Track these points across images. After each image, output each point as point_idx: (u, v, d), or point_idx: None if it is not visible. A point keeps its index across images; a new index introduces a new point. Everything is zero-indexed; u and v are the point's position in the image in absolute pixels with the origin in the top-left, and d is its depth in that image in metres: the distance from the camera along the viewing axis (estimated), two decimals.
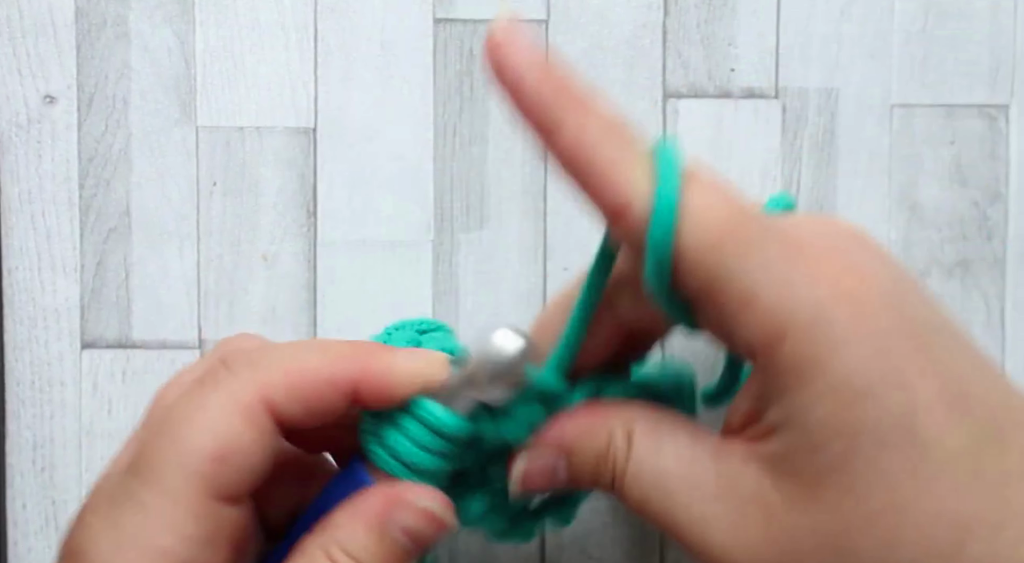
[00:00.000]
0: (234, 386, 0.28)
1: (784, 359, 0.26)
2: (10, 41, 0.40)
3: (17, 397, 0.40)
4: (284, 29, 0.40)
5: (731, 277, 0.26)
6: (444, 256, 0.41)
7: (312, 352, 0.29)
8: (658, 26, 0.40)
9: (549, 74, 0.27)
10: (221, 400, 0.28)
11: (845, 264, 0.27)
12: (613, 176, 0.26)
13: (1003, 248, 0.41)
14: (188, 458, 0.27)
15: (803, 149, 0.41)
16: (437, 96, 0.41)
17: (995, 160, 0.41)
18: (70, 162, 0.40)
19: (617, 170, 0.26)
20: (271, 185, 0.40)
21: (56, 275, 0.40)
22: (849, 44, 0.41)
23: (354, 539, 0.29)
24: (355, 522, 0.29)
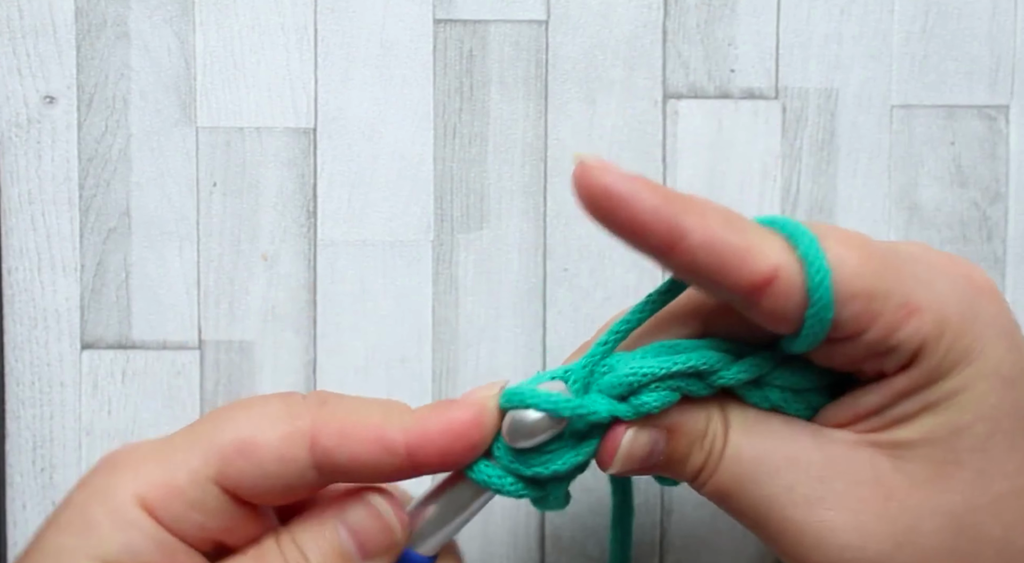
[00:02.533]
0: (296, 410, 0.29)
1: (942, 350, 0.28)
2: (10, 41, 0.40)
3: (17, 397, 0.40)
4: (284, 29, 0.40)
5: (889, 293, 0.28)
6: (444, 256, 0.41)
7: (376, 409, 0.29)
8: (658, 26, 0.41)
9: (654, 186, 0.27)
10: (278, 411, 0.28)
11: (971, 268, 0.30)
12: (752, 251, 0.27)
13: (1003, 248, 0.41)
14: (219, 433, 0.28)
15: (803, 149, 0.41)
16: (437, 96, 0.41)
17: (995, 160, 0.41)
18: (70, 162, 0.40)
19: (755, 245, 0.27)
20: (271, 185, 0.41)
21: (56, 275, 0.40)
22: (849, 44, 0.41)
23: (305, 528, 0.29)
24: (311, 512, 0.29)
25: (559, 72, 0.41)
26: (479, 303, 0.41)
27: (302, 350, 0.41)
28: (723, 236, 0.27)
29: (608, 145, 0.41)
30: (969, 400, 0.28)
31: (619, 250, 0.41)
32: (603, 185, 0.27)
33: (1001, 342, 0.28)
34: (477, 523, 0.41)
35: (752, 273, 0.27)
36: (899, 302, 0.28)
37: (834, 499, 0.28)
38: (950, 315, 0.28)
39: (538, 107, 0.41)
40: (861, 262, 0.28)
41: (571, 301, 0.41)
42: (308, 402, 0.29)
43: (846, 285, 0.27)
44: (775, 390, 0.30)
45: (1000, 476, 0.28)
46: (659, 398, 0.30)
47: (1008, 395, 0.28)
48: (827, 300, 0.27)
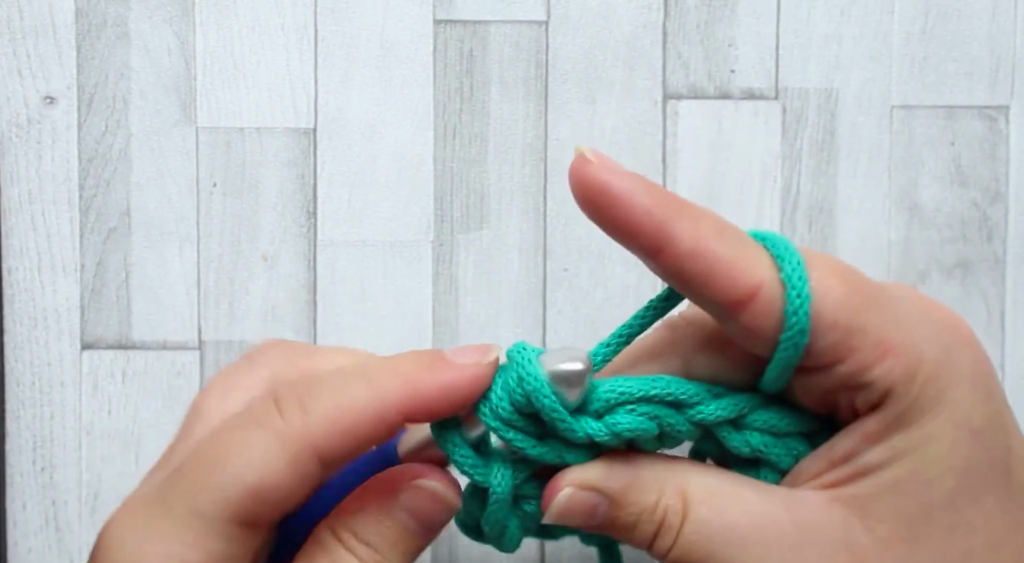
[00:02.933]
0: (284, 430, 0.28)
1: (914, 395, 0.27)
2: (10, 41, 0.40)
3: (17, 397, 0.40)
4: (284, 29, 0.40)
5: (867, 329, 0.27)
6: (444, 256, 0.41)
7: (360, 385, 0.28)
8: (658, 26, 0.40)
9: (651, 186, 0.28)
10: (269, 442, 0.28)
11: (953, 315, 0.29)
12: (738, 265, 0.27)
13: (1003, 248, 0.41)
14: (227, 487, 0.27)
15: (803, 149, 0.41)
16: (437, 96, 0.41)
17: (995, 160, 0.41)
18: (70, 162, 0.40)
19: (741, 259, 0.27)
20: (271, 185, 0.41)
21: (56, 275, 0.40)
22: (849, 44, 0.41)
23: (363, 522, 0.29)
24: (364, 504, 0.29)
25: (559, 72, 0.41)
26: (479, 303, 0.41)
27: None
28: (711, 246, 0.27)
29: (608, 145, 0.41)
30: (937, 450, 0.27)
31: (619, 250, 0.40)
32: (600, 181, 0.27)
33: (975, 393, 0.28)
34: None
35: (735, 287, 0.27)
36: (876, 340, 0.27)
37: None
38: (925, 360, 0.27)
39: (538, 107, 0.41)
40: (845, 294, 0.28)
41: (571, 301, 0.41)
42: (290, 415, 0.28)
43: (826, 314, 0.27)
44: (755, 433, 0.30)
45: (968, 531, 0.27)
46: (634, 422, 0.29)
47: (976, 447, 0.27)
48: (803, 325, 0.27)
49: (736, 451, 0.30)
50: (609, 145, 0.41)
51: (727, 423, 0.30)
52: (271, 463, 0.27)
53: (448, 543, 0.41)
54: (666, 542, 0.29)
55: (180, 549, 0.27)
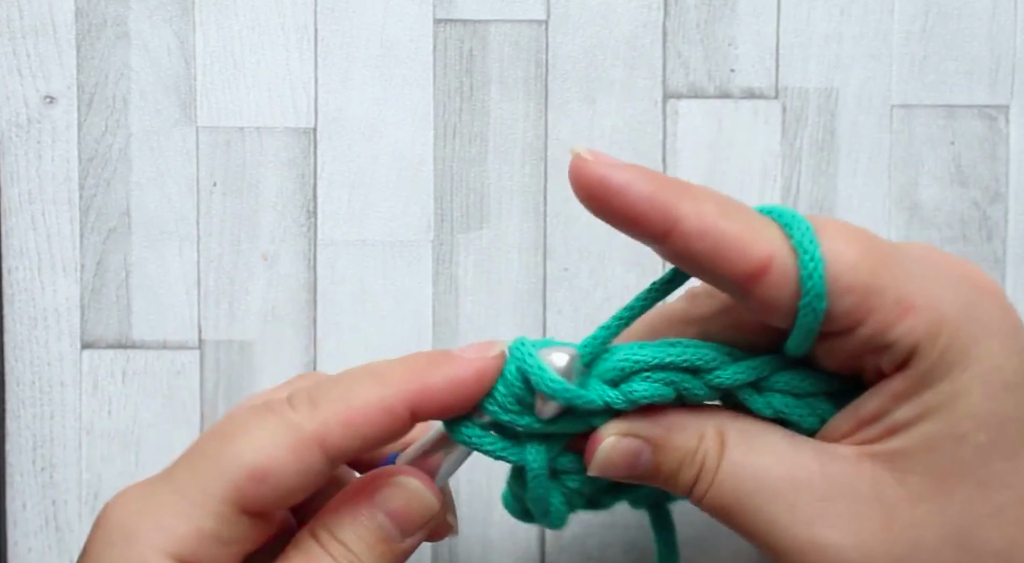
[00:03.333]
0: (291, 419, 0.28)
1: (939, 351, 0.27)
2: (10, 41, 0.40)
3: (17, 397, 0.40)
4: (284, 29, 0.40)
5: (885, 289, 0.27)
6: (444, 256, 0.41)
7: (367, 380, 0.29)
8: (658, 26, 0.41)
9: (650, 174, 0.28)
10: (277, 427, 0.28)
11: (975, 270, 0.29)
12: (747, 239, 0.27)
13: (1003, 248, 0.41)
14: (229, 466, 0.28)
15: (803, 149, 0.41)
16: (437, 96, 0.41)
17: (995, 160, 0.41)
18: (70, 162, 0.40)
19: (749, 233, 0.27)
20: (271, 185, 0.41)
21: (56, 275, 0.40)
22: (849, 44, 0.41)
23: (340, 522, 0.29)
24: (343, 505, 0.29)
25: (559, 72, 0.41)
26: (479, 303, 0.41)
27: (302, 350, 0.41)
28: (718, 223, 0.27)
29: (608, 145, 0.41)
30: (967, 406, 0.27)
31: (619, 250, 0.41)
32: (599, 176, 0.27)
33: (1002, 346, 0.27)
34: (477, 522, 0.41)
35: (746, 261, 0.27)
36: (895, 299, 0.27)
37: (836, 518, 0.28)
38: (947, 316, 0.27)
39: (538, 107, 0.41)
40: (858, 256, 0.27)
41: (571, 301, 0.41)
42: (300, 407, 0.29)
43: (841, 278, 0.27)
44: (777, 395, 0.30)
45: (1002, 486, 0.27)
46: (650, 389, 0.29)
47: (1008, 401, 0.27)
48: (819, 290, 0.27)
49: (759, 413, 0.30)
50: (609, 145, 0.41)
51: (747, 386, 0.30)
52: (274, 448, 0.28)
53: (448, 542, 0.41)
54: (704, 485, 0.29)
55: (172, 520, 0.28)
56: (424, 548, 0.41)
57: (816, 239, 0.27)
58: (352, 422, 0.28)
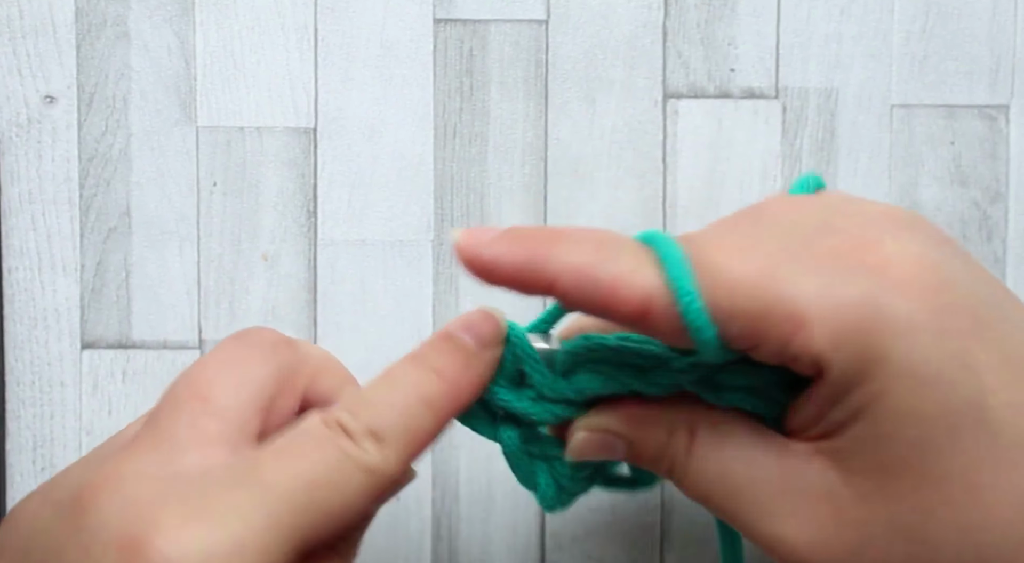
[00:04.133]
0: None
1: (846, 358, 0.26)
2: (10, 41, 0.40)
3: (17, 397, 0.40)
4: (284, 29, 0.40)
5: (771, 309, 0.26)
6: (444, 256, 0.41)
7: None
8: (658, 26, 0.41)
9: (517, 240, 0.28)
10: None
11: (889, 252, 0.27)
12: (622, 285, 0.27)
13: (1003, 248, 0.41)
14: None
15: (803, 149, 0.41)
16: (437, 96, 0.41)
17: (995, 160, 0.41)
18: (70, 162, 0.40)
19: (624, 277, 0.27)
20: (271, 185, 0.41)
21: (56, 275, 0.40)
22: (849, 44, 0.41)
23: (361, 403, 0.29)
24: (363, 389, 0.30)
25: (559, 72, 0.41)
26: (479, 303, 0.41)
27: None
28: (590, 273, 0.27)
29: (608, 145, 0.41)
30: (889, 405, 0.26)
31: None
32: (473, 259, 0.28)
33: (919, 337, 0.26)
34: (477, 522, 0.41)
35: (627, 306, 0.27)
36: (784, 317, 0.26)
37: (793, 515, 0.28)
38: (846, 322, 0.26)
39: (538, 107, 0.41)
40: (738, 278, 0.27)
41: None
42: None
43: (722, 305, 0.27)
44: (729, 391, 0.30)
45: (943, 478, 0.26)
46: (596, 381, 0.30)
47: (930, 395, 0.26)
48: (701, 322, 0.27)
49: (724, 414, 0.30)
50: (609, 145, 0.41)
51: (701, 385, 0.30)
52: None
53: (448, 542, 0.41)
54: (678, 477, 0.30)
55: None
56: (424, 548, 0.41)
57: (689, 272, 0.27)
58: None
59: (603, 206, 0.41)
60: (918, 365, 0.26)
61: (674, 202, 0.41)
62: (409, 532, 0.41)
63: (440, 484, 0.41)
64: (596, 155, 0.41)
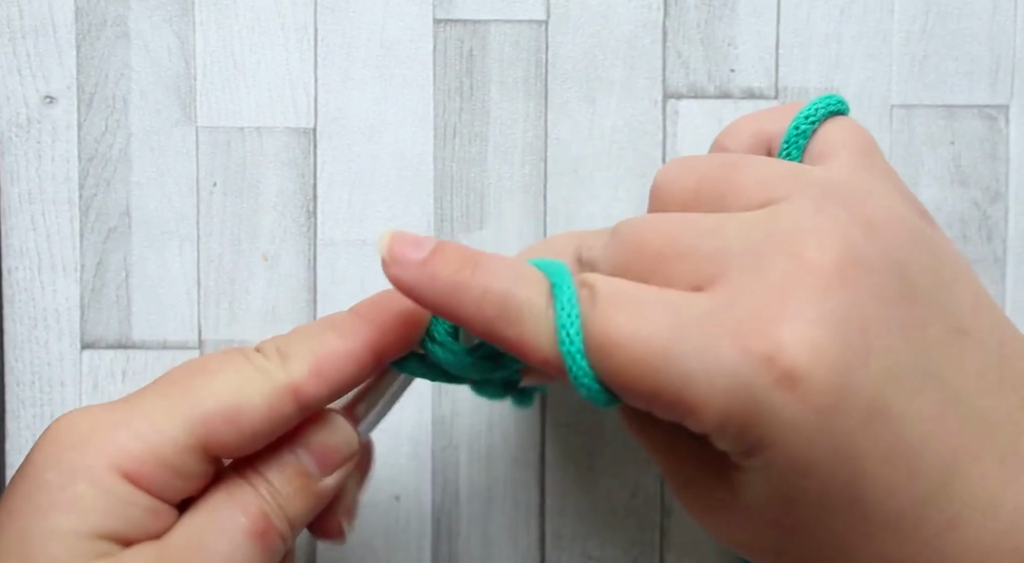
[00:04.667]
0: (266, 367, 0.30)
1: (731, 442, 0.27)
2: (10, 41, 0.40)
3: (17, 397, 0.40)
4: (284, 29, 0.40)
5: (661, 393, 0.26)
6: None
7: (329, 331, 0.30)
8: (658, 26, 0.41)
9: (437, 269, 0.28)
10: (253, 373, 0.29)
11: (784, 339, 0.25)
12: (525, 346, 0.28)
13: (1003, 248, 0.41)
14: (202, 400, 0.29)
15: None
16: (437, 96, 0.41)
17: (995, 160, 0.41)
18: (70, 162, 0.40)
19: (526, 337, 0.28)
20: (271, 185, 0.41)
21: (56, 275, 0.40)
22: (849, 44, 0.41)
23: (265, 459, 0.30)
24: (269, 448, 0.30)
25: (559, 72, 0.41)
26: None
27: None
28: (497, 329, 0.28)
29: (608, 145, 0.41)
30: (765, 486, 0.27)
31: None
32: (395, 279, 0.28)
33: (799, 437, 0.25)
34: (477, 522, 0.41)
35: (532, 361, 0.28)
36: (673, 400, 0.26)
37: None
38: (731, 413, 0.26)
39: (538, 107, 0.41)
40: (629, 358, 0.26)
41: None
42: (271, 358, 0.30)
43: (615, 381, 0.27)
44: None
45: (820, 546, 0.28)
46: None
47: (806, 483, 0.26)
48: (595, 393, 0.27)
49: None
50: (609, 145, 0.41)
51: None
52: (250, 392, 0.29)
53: (448, 542, 0.41)
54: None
55: (130, 439, 0.28)
56: (424, 548, 0.41)
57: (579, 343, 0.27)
58: (323, 371, 0.29)
59: (603, 206, 0.41)
60: (796, 459, 0.26)
61: None
62: (409, 532, 0.41)
63: (440, 484, 0.41)
64: (596, 155, 0.41)
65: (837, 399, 0.25)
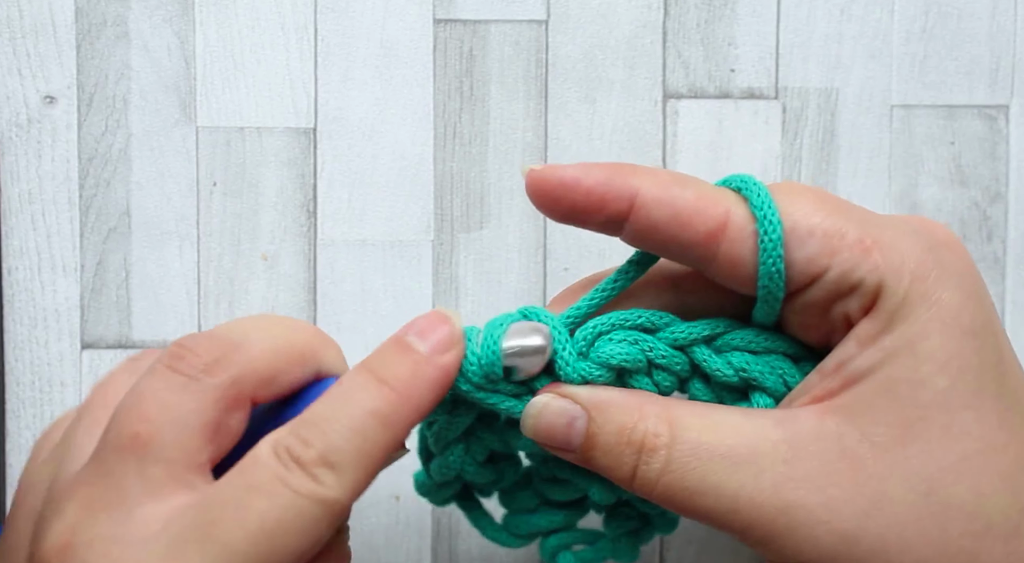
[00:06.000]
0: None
1: (904, 289, 0.27)
2: (10, 41, 0.40)
3: (17, 397, 0.40)
4: (284, 29, 0.40)
5: (845, 231, 0.28)
6: (444, 256, 0.41)
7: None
8: (658, 26, 0.41)
9: (597, 164, 0.29)
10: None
11: (932, 222, 0.30)
12: (703, 202, 0.29)
13: (1003, 248, 0.41)
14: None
15: (803, 149, 0.41)
16: (437, 96, 0.41)
17: (995, 160, 0.41)
18: (70, 162, 0.40)
19: (705, 196, 0.29)
20: (271, 185, 0.41)
21: (56, 275, 0.40)
22: (849, 44, 0.41)
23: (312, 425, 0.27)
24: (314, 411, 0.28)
25: (559, 72, 0.41)
26: (479, 303, 0.41)
27: None
28: (674, 191, 0.29)
29: (608, 145, 0.41)
30: (927, 348, 0.27)
31: (619, 250, 0.41)
32: (553, 177, 0.29)
33: (963, 293, 0.28)
34: None
35: (704, 222, 0.28)
36: (856, 238, 0.28)
37: (802, 479, 0.27)
38: (909, 257, 0.28)
39: (538, 107, 0.41)
40: (814, 204, 0.28)
41: None
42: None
43: (799, 225, 0.28)
44: (736, 353, 0.30)
45: (964, 434, 0.27)
46: (616, 348, 0.30)
47: (968, 347, 0.27)
48: (777, 236, 0.28)
49: (721, 376, 0.30)
50: (609, 145, 0.41)
51: (704, 344, 0.30)
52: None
53: (448, 542, 0.41)
54: (654, 468, 0.28)
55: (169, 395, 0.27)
56: (424, 548, 0.41)
57: (769, 193, 0.28)
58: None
59: None
60: (961, 315, 0.27)
61: None
62: (409, 532, 0.41)
63: None
64: (596, 155, 0.41)
65: (981, 280, 0.29)
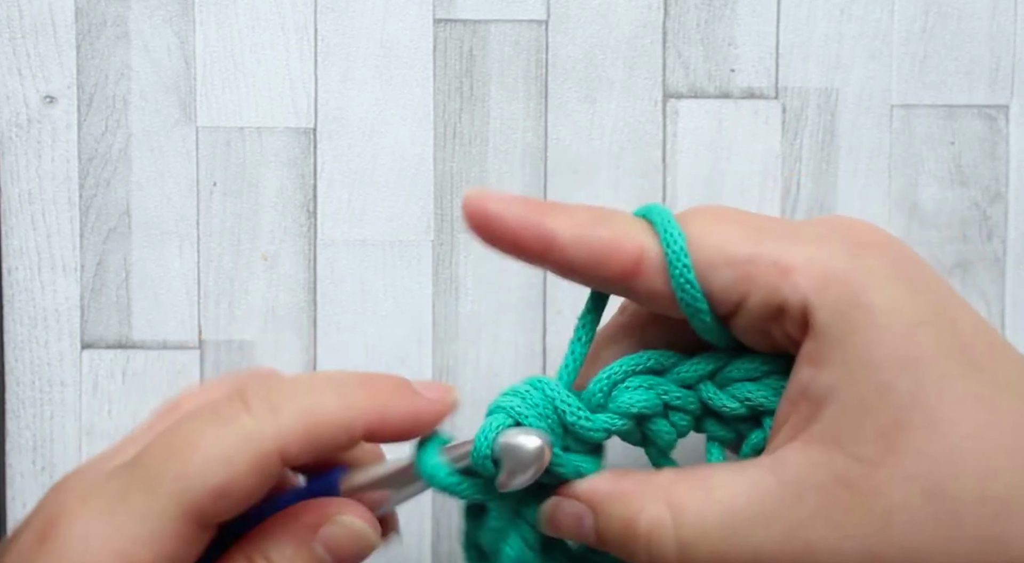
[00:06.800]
0: (252, 430, 0.28)
1: (831, 304, 0.27)
2: (10, 41, 0.40)
3: (17, 397, 0.40)
4: (284, 29, 0.40)
5: (758, 256, 0.28)
6: (444, 256, 0.41)
7: (331, 394, 0.29)
8: (658, 26, 0.41)
9: (524, 200, 0.30)
10: (237, 440, 0.28)
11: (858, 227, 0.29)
12: (617, 241, 0.29)
13: (1003, 248, 0.41)
14: (189, 485, 0.27)
15: (803, 149, 0.41)
16: (437, 96, 0.41)
17: (995, 160, 0.41)
18: (70, 162, 0.40)
19: (619, 235, 0.30)
20: (271, 185, 0.41)
21: (56, 275, 0.40)
22: (849, 44, 0.41)
23: (278, 548, 0.29)
24: (283, 531, 0.29)
25: (559, 72, 0.41)
26: (479, 303, 0.41)
27: (302, 350, 0.41)
28: (589, 232, 0.29)
29: (608, 145, 0.41)
30: (879, 355, 0.27)
31: None
32: (480, 210, 0.30)
33: (894, 288, 0.27)
34: None
35: (620, 260, 0.29)
36: (771, 262, 0.28)
37: (809, 516, 0.27)
38: (831, 269, 0.27)
39: (538, 107, 0.41)
40: (726, 233, 0.29)
41: (571, 301, 0.41)
42: (259, 413, 0.28)
43: (712, 255, 0.28)
44: (738, 384, 0.30)
45: (946, 426, 0.26)
46: (634, 396, 0.30)
47: (919, 338, 0.27)
48: (687, 269, 0.28)
49: (728, 411, 0.30)
50: (609, 145, 0.41)
51: (708, 379, 0.31)
52: (237, 464, 0.27)
53: (448, 541, 0.41)
54: (669, 552, 0.28)
55: (132, 547, 0.27)
56: (424, 548, 0.41)
57: (677, 225, 0.29)
58: (312, 434, 0.28)
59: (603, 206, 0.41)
60: (903, 311, 0.27)
61: (674, 202, 0.41)
62: (409, 532, 0.41)
63: None
64: (596, 155, 0.41)
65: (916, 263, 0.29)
